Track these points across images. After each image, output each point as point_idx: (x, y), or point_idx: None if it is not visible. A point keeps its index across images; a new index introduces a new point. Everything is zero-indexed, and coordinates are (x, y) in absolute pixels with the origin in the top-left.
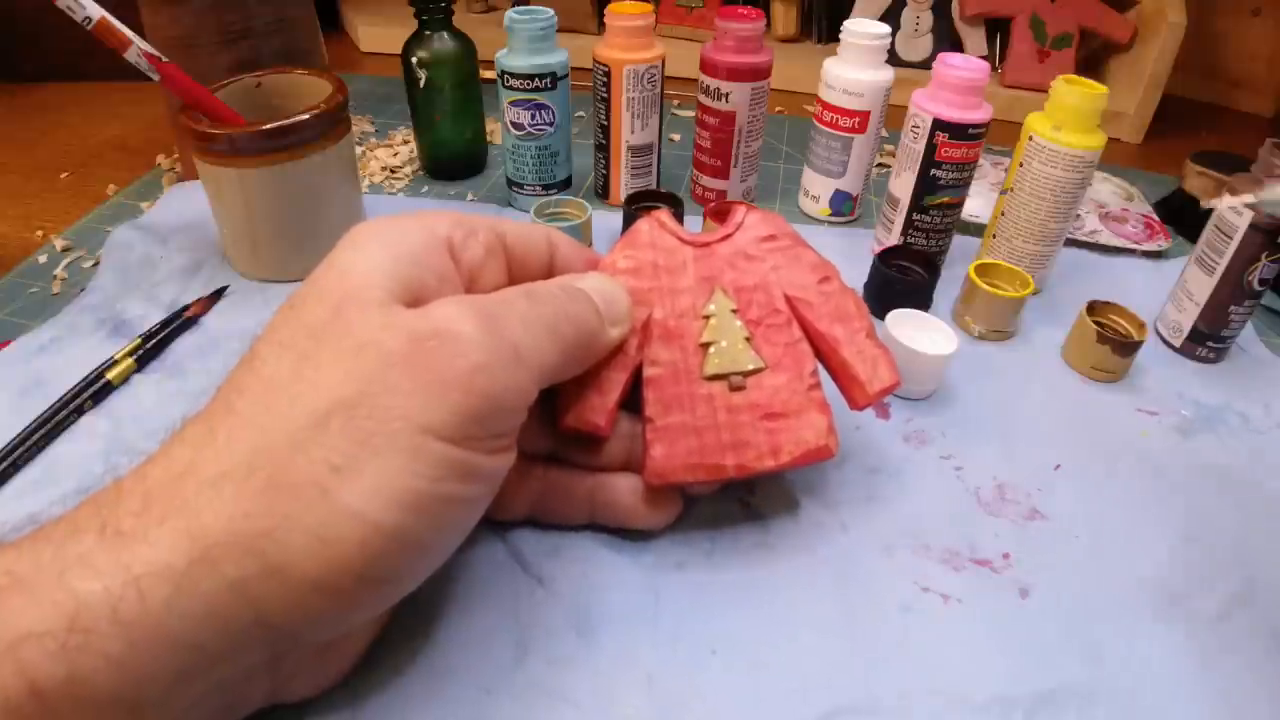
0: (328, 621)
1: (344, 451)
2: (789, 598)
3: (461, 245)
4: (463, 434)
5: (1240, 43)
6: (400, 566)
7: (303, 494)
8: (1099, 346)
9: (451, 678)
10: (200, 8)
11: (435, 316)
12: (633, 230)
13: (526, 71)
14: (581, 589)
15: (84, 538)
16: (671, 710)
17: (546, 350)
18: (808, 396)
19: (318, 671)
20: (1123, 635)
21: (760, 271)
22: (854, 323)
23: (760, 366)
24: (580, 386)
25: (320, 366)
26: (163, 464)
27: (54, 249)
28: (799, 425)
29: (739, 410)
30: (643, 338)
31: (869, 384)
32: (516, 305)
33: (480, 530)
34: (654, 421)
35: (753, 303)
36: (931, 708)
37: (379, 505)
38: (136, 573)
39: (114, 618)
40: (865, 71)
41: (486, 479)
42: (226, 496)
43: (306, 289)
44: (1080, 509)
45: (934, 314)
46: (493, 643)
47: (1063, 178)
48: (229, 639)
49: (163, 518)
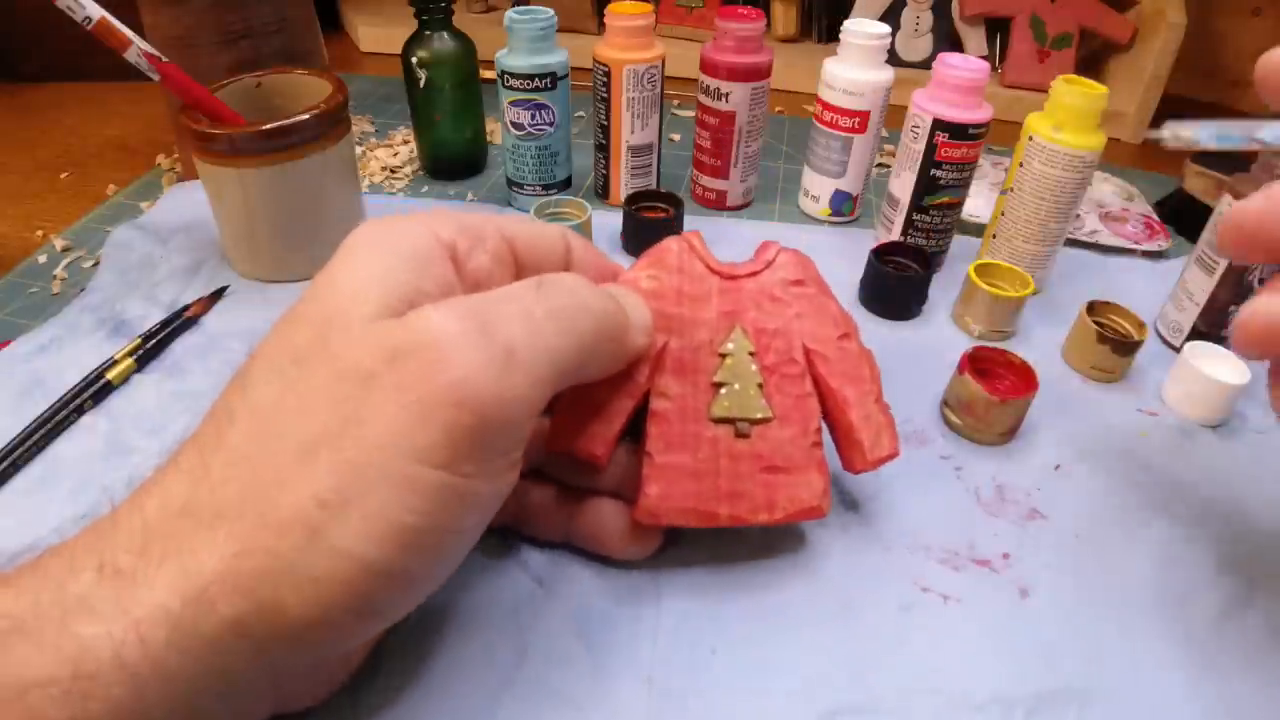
0: (323, 649)
1: (331, 486)
2: (789, 598)
3: (466, 254)
4: (456, 457)
5: (1240, 43)
6: (393, 600)
7: (291, 533)
8: (1099, 346)
9: (452, 679)
10: (200, 8)
11: (411, 325)
12: (661, 249)
13: (526, 71)
14: (581, 589)
15: (82, 576)
16: (671, 710)
17: (558, 347)
18: (810, 454)
19: (318, 683)
20: (1123, 635)
21: (784, 317)
22: (865, 385)
23: (769, 416)
24: (580, 408)
25: (305, 395)
26: (159, 495)
27: (54, 249)
28: (797, 482)
29: (741, 459)
30: (655, 365)
31: (870, 450)
32: (520, 299)
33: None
34: (654, 458)
35: (771, 348)
36: (931, 708)
37: (368, 543)
38: (136, 616)
39: (117, 662)
40: (865, 71)
41: (485, 506)
42: (220, 537)
43: (298, 306)
44: (1080, 509)
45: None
46: (493, 643)
47: (1063, 178)
48: (229, 673)
49: (161, 559)
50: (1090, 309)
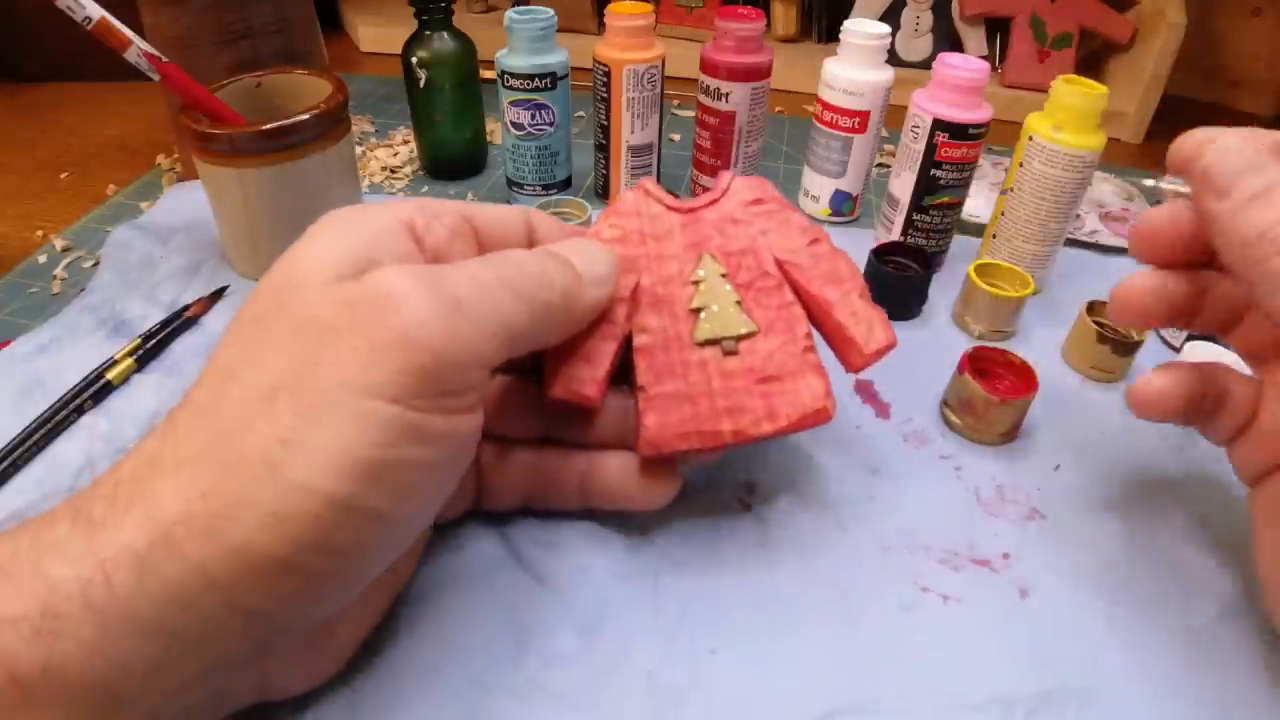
0: (299, 600)
1: (290, 425)
2: (788, 597)
3: (424, 228)
4: (409, 393)
5: (1240, 43)
6: (362, 538)
7: (253, 471)
8: (1099, 346)
9: (450, 676)
10: (200, 8)
11: (367, 281)
12: (619, 200)
13: (526, 71)
14: (580, 586)
15: (59, 527)
16: (670, 709)
17: (507, 307)
18: (803, 359)
19: (307, 665)
20: (1123, 635)
21: (748, 235)
22: (846, 284)
23: (753, 330)
24: (568, 357)
25: (265, 348)
26: (134, 457)
27: (54, 249)
28: (796, 388)
29: (733, 375)
30: (631, 306)
31: (865, 344)
32: (468, 267)
33: (477, 526)
34: (646, 390)
35: (742, 267)
36: (931, 708)
37: (329, 476)
38: (103, 557)
39: (85, 602)
40: (865, 71)
41: (444, 441)
42: (184, 481)
43: (260, 282)
44: (1080, 509)
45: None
46: (491, 641)
47: (1063, 178)
48: (202, 624)
49: (129, 504)
50: (1090, 309)
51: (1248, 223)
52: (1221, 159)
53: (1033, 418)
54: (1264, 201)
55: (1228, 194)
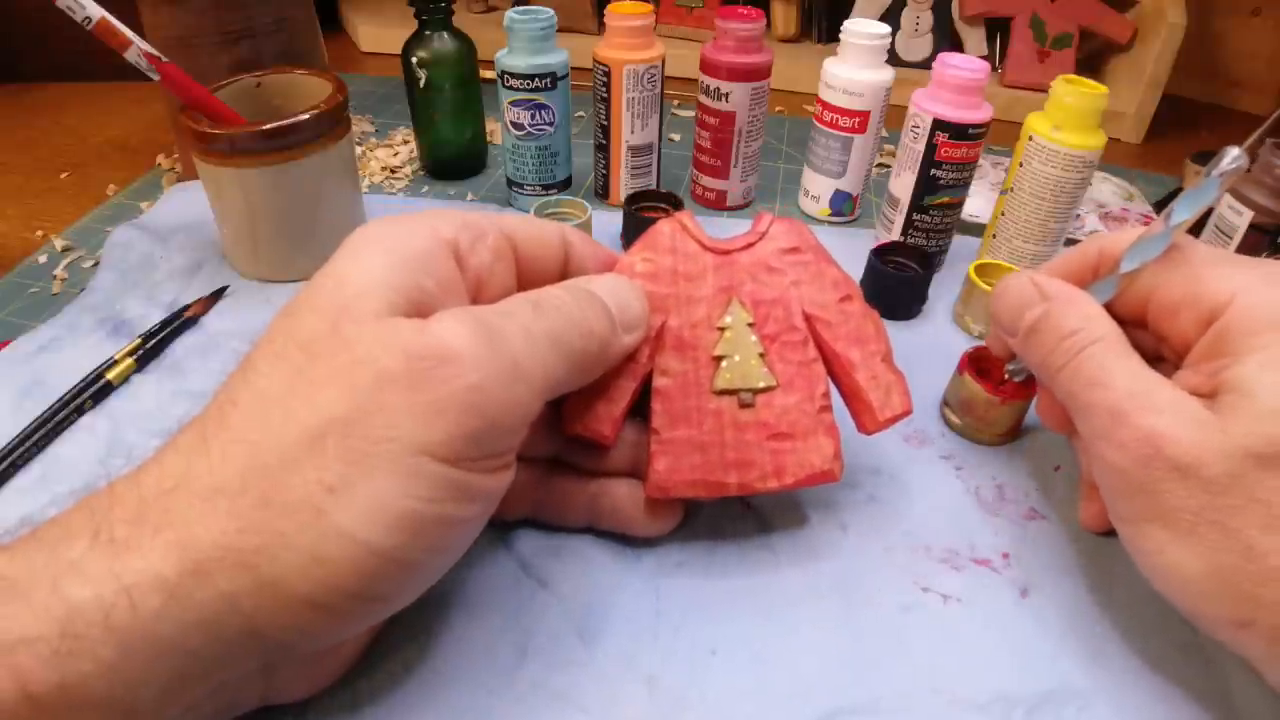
0: (320, 635)
1: (338, 472)
2: (789, 598)
3: (469, 249)
4: (459, 454)
5: (1240, 43)
6: (394, 586)
7: (297, 513)
8: None
9: (453, 680)
10: (200, 8)
11: (433, 333)
12: (654, 231)
13: (526, 71)
14: (583, 591)
15: (76, 543)
16: (672, 711)
17: (552, 364)
18: (817, 419)
19: (311, 674)
20: (1123, 635)
21: (780, 285)
22: (871, 345)
23: (772, 385)
24: (588, 392)
25: (315, 382)
26: (156, 472)
27: (54, 249)
28: (806, 448)
29: (746, 428)
30: (655, 345)
31: (880, 410)
32: (520, 316)
33: (481, 532)
34: (659, 434)
35: (770, 317)
36: (932, 708)
37: (373, 527)
38: (128, 582)
39: (106, 624)
40: (865, 71)
41: (484, 499)
42: (220, 511)
43: (303, 297)
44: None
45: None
46: (494, 645)
47: (1063, 178)
48: (222, 647)
49: (156, 529)
50: None
51: (1030, 352)
52: (1002, 301)
53: (1033, 418)
54: (1035, 336)
55: (1014, 333)
